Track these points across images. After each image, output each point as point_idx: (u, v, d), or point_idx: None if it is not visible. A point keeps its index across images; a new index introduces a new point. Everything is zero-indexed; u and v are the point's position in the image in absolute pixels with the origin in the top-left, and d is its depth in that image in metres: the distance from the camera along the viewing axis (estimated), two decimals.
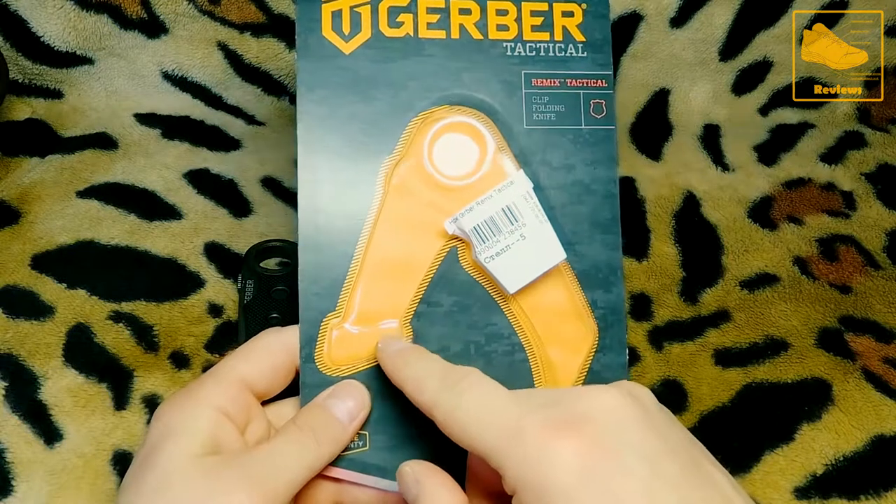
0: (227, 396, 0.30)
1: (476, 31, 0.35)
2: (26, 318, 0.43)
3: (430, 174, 0.34)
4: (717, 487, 0.25)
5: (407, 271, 0.33)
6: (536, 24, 0.35)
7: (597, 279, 0.35)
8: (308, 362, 0.32)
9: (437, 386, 0.28)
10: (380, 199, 0.33)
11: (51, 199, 0.50)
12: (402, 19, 0.34)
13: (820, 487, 0.39)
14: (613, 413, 0.25)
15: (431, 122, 0.34)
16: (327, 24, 0.34)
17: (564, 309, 0.34)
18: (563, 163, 0.35)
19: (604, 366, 0.34)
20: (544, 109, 0.35)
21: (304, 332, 0.32)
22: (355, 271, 0.33)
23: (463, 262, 0.34)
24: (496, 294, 0.34)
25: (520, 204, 0.33)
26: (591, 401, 0.26)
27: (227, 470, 0.27)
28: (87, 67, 0.58)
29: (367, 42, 0.34)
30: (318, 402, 0.31)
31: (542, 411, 0.25)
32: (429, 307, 0.33)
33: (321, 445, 0.30)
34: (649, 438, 0.25)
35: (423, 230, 0.34)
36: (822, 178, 0.60)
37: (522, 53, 0.35)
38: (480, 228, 0.33)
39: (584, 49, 0.35)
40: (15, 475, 0.36)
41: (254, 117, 0.60)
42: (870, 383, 0.44)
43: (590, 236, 0.35)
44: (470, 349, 0.33)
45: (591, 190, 0.35)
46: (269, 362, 0.32)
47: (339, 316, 0.33)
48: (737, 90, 0.64)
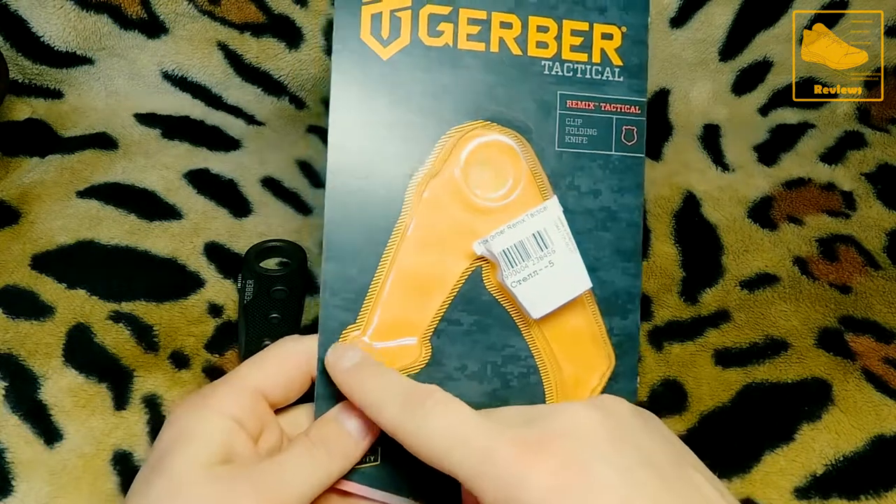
0: (241, 405, 0.30)
1: (516, 46, 0.34)
2: (26, 318, 0.43)
3: (463, 192, 0.33)
4: (698, 492, 0.25)
5: (430, 288, 0.33)
6: (576, 44, 0.35)
7: (616, 306, 0.34)
8: (324, 374, 0.32)
9: (399, 408, 0.27)
10: (409, 211, 0.33)
11: (51, 199, 0.50)
12: (442, 28, 0.34)
13: (820, 487, 0.39)
14: (584, 428, 0.25)
15: (469, 138, 0.34)
16: (366, 28, 0.33)
17: (584, 335, 0.34)
18: (591, 188, 0.34)
19: (615, 392, 0.34)
20: (577, 132, 0.35)
21: (322, 342, 0.32)
22: (378, 284, 0.32)
23: (486, 282, 0.33)
24: (517, 316, 0.34)
25: (551, 230, 0.33)
26: (561, 417, 0.26)
27: (237, 480, 0.27)
28: (87, 67, 0.58)
29: (406, 49, 0.33)
30: (332, 416, 0.31)
31: (511, 431, 0.25)
32: (449, 325, 0.33)
33: (333, 460, 0.30)
34: (623, 450, 0.25)
35: (451, 247, 0.33)
36: (822, 178, 0.60)
37: (560, 73, 0.34)
38: (510, 252, 0.32)
39: (620, 73, 0.35)
40: (15, 475, 0.36)
41: (254, 117, 0.60)
42: (870, 383, 0.44)
43: (612, 263, 0.34)
44: (487, 369, 0.33)
45: (616, 217, 0.35)
46: (285, 372, 0.31)
47: (359, 329, 0.32)
48: (737, 90, 0.64)
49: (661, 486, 0.24)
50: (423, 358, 0.33)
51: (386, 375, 0.29)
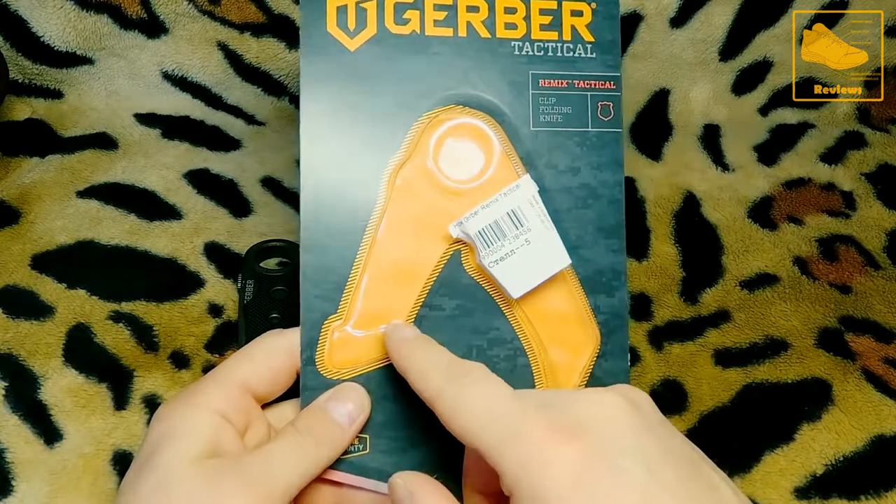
0: (228, 399, 0.30)
1: (484, 29, 0.34)
2: (26, 318, 0.43)
3: (435, 176, 0.34)
4: (716, 492, 0.25)
5: (409, 274, 0.33)
6: (545, 23, 0.35)
7: (600, 284, 0.34)
8: (308, 365, 0.32)
9: (442, 378, 0.28)
10: (383, 200, 0.33)
11: (51, 199, 0.50)
12: (408, 16, 0.34)
13: (820, 487, 0.39)
14: (612, 418, 0.25)
15: (437, 123, 0.34)
16: (332, 20, 0.33)
17: (567, 314, 0.34)
18: (569, 166, 0.34)
19: (606, 371, 0.34)
20: (551, 111, 0.35)
21: (304, 334, 0.32)
22: (357, 273, 0.33)
23: (466, 265, 0.33)
24: (499, 298, 0.34)
25: (525, 208, 0.33)
26: (590, 405, 0.26)
27: (225, 473, 0.27)
28: (87, 67, 0.58)
29: (373, 39, 0.33)
30: (318, 405, 0.31)
31: (542, 413, 0.25)
32: (431, 311, 0.33)
33: (320, 449, 0.30)
34: (647, 443, 0.25)
35: (427, 233, 0.33)
36: (822, 178, 0.60)
37: (530, 53, 0.35)
38: (485, 233, 0.32)
39: (592, 49, 0.35)
40: (15, 475, 0.36)
41: (254, 117, 0.60)
42: (870, 383, 0.44)
43: (594, 241, 0.34)
44: (472, 353, 0.33)
45: (596, 194, 0.35)
46: (270, 365, 0.31)
47: (341, 318, 0.32)
48: (737, 90, 0.64)
49: (681, 483, 0.24)
50: None
51: (435, 350, 0.30)
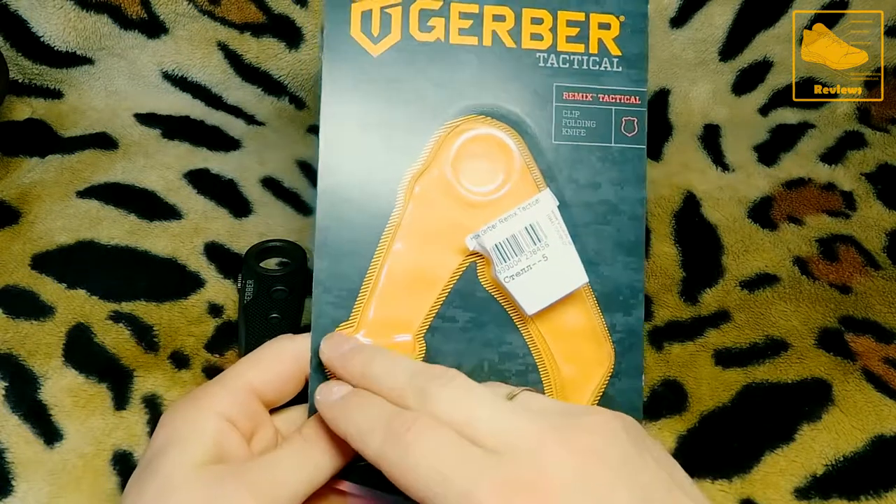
0: (234, 404, 0.29)
1: (509, 38, 0.34)
2: (26, 318, 0.43)
3: (454, 187, 0.33)
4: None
5: (424, 284, 0.33)
6: (572, 34, 0.34)
7: (617, 302, 0.34)
8: (318, 371, 0.32)
9: (381, 439, 0.26)
10: (400, 208, 0.33)
11: (51, 199, 0.50)
12: (433, 23, 0.33)
13: (820, 488, 0.39)
14: (567, 472, 0.25)
15: (458, 132, 0.33)
16: (356, 25, 0.33)
17: (582, 331, 0.34)
18: (590, 181, 0.34)
19: (618, 390, 0.33)
20: (574, 124, 0.34)
21: (315, 340, 0.32)
22: (371, 281, 0.32)
23: (481, 278, 0.33)
24: (513, 312, 0.33)
25: (544, 224, 0.32)
26: (545, 457, 0.25)
27: (229, 479, 0.27)
28: (87, 67, 0.58)
29: (397, 45, 0.33)
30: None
31: (491, 472, 0.25)
32: (444, 322, 0.33)
33: (327, 457, 0.29)
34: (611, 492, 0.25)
35: (443, 243, 0.33)
36: (822, 178, 0.60)
37: (555, 65, 0.34)
38: (502, 247, 0.32)
39: (619, 63, 0.34)
40: (15, 475, 0.36)
41: (254, 117, 0.60)
42: (870, 383, 0.44)
43: (613, 257, 0.34)
44: (483, 367, 0.33)
45: (617, 210, 0.34)
46: (279, 370, 0.31)
47: (353, 326, 0.32)
48: (737, 90, 0.64)
49: None
50: (417, 355, 0.32)
51: (370, 406, 0.28)
